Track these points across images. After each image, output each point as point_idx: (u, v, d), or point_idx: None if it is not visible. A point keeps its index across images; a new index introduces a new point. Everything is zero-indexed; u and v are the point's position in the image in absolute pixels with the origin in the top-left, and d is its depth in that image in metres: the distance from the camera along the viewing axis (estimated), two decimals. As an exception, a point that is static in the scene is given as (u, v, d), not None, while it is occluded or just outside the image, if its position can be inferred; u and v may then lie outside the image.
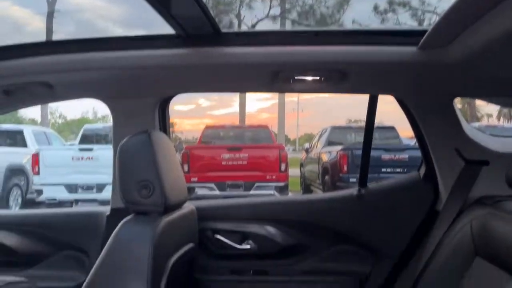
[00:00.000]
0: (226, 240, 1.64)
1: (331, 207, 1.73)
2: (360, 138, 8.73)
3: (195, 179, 7.68)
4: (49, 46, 1.28)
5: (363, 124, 1.83)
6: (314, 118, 47.82)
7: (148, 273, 1.08)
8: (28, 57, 1.28)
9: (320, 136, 10.24)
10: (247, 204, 1.84)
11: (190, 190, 7.75)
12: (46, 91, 1.44)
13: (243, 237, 1.67)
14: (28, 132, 8.67)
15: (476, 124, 10.71)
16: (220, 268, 1.68)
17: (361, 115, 1.71)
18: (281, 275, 1.67)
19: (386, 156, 7.65)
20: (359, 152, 1.73)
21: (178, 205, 1.34)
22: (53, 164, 7.30)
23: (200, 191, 7.66)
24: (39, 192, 7.37)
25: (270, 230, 1.66)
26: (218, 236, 1.64)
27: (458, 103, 11.94)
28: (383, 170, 7.42)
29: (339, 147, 7.97)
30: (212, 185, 7.68)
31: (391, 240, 1.65)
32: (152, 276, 1.09)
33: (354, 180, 7.32)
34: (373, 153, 7.06)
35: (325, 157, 8.52)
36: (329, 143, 9.20)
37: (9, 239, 1.61)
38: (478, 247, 1.25)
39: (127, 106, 1.60)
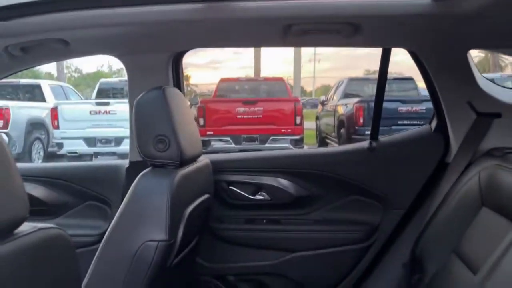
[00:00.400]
0: (240, 191, 1.70)
1: (343, 160, 1.77)
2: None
3: (211, 132, 7.76)
4: (64, 3, 1.29)
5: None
6: (332, 69, 47.07)
7: (166, 222, 1.15)
8: (44, 14, 1.30)
9: (337, 88, 10.11)
10: (260, 157, 1.88)
11: (206, 143, 7.85)
12: (62, 48, 1.47)
13: (257, 188, 1.73)
14: (46, 86, 8.78)
15: (498, 75, 10.40)
16: (235, 218, 1.76)
17: (376, 66, 1.70)
18: (293, 224, 1.75)
19: (403, 108, 7.57)
20: (375, 104, 1.75)
21: (193, 159, 1.39)
22: (71, 118, 7.44)
23: (216, 145, 7.76)
24: (60, 145, 7.58)
25: (282, 181, 1.72)
26: (233, 188, 1.71)
27: (480, 52, 11.56)
28: (400, 122, 7.37)
29: (356, 99, 7.89)
30: (228, 138, 7.75)
31: (401, 191, 1.69)
32: (170, 224, 1.16)
33: (368, 132, 7.24)
34: (390, 105, 7.03)
35: (341, 110, 8.47)
36: (346, 95, 9.10)
37: (37, 190, 1.70)
38: (485, 197, 1.28)
39: (141, 62, 1.63)
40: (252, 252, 1.76)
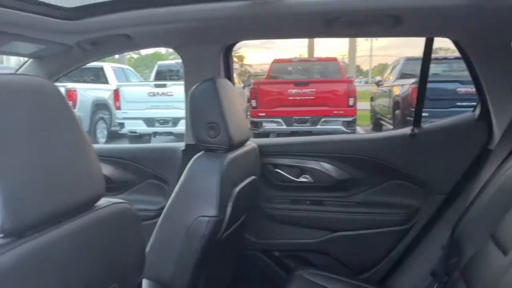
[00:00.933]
0: (285, 173, 1.82)
1: (385, 145, 1.83)
2: (435, 69, 8.27)
3: (263, 114, 7.87)
4: (128, 3, 1.44)
5: (439, 54, 1.84)
6: (390, 47, 45.40)
7: (216, 200, 1.30)
8: (111, 13, 1.46)
9: (393, 68, 9.83)
10: (304, 142, 1.99)
11: (258, 124, 7.99)
12: (126, 42, 1.64)
13: (301, 171, 1.84)
14: (108, 69, 9.25)
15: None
16: (281, 198, 1.88)
17: (440, 42, 1.71)
18: (335, 205, 1.85)
19: (462, 89, 7.27)
20: (433, 86, 1.78)
21: (241, 144, 1.52)
22: (132, 99, 7.83)
23: (267, 126, 7.88)
24: (121, 125, 8.02)
25: (325, 165, 1.81)
26: (278, 170, 1.83)
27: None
28: (459, 104, 7.09)
29: (412, 80, 7.67)
30: (280, 120, 7.83)
31: (442, 176, 1.73)
32: (219, 202, 1.30)
33: (425, 114, 7.03)
34: (448, 86, 6.84)
35: (396, 91, 8.26)
36: (402, 75, 8.84)
37: (105, 169, 1.91)
38: None
39: (194, 53, 1.77)
40: (296, 230, 1.88)
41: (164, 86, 7.79)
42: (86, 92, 8.12)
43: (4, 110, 0.63)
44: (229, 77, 1.83)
